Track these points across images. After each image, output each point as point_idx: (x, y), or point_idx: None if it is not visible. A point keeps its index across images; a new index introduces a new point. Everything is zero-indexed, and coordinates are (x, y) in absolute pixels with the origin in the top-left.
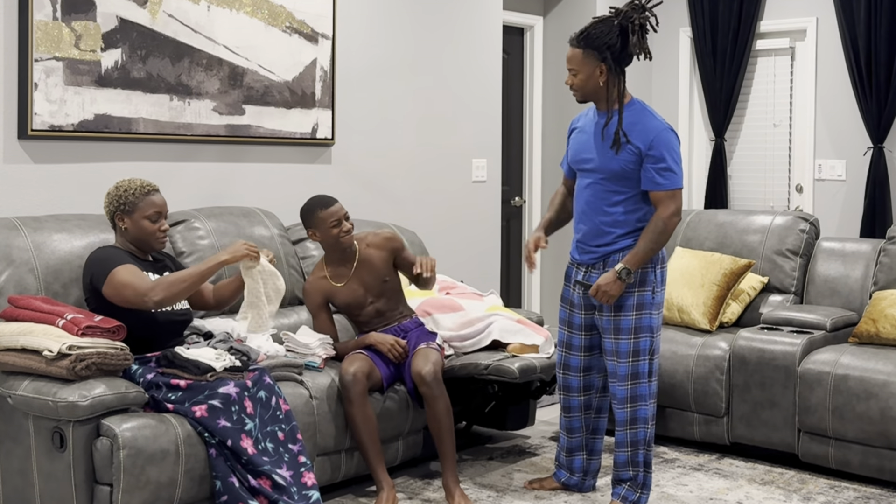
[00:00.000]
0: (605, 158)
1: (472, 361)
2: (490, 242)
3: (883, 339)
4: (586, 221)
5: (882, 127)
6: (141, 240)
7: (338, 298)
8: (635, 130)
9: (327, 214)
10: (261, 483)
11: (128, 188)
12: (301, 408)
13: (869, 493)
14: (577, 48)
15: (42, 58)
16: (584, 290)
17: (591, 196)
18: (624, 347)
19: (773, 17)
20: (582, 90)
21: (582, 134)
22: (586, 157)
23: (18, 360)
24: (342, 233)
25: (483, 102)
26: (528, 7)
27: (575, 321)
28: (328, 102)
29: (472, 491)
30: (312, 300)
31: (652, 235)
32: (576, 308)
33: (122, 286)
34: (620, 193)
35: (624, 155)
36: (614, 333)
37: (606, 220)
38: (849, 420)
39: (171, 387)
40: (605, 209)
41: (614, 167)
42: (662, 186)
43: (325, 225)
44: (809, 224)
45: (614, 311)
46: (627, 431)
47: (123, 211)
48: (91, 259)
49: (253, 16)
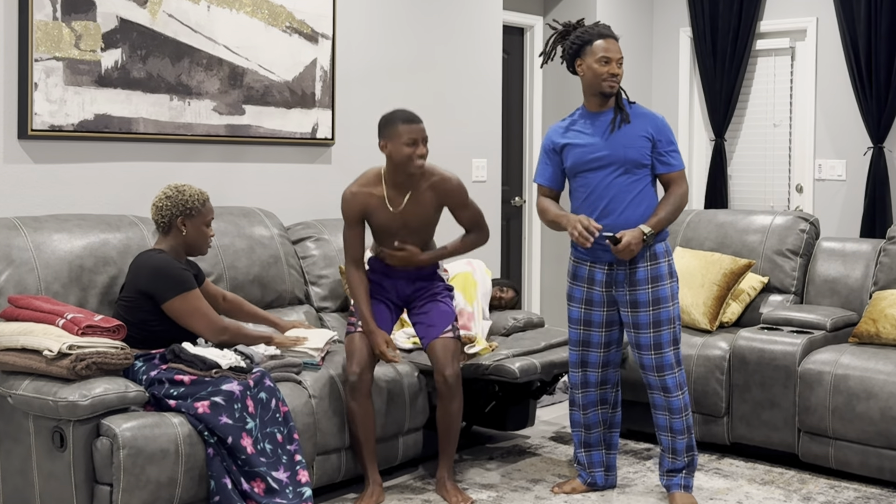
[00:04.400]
0: (622, 150)
1: (472, 362)
2: (490, 242)
3: (883, 339)
4: (611, 216)
5: (882, 127)
6: (195, 244)
7: (376, 218)
8: (640, 118)
9: (407, 129)
10: (253, 486)
11: (191, 193)
12: (300, 408)
13: (869, 493)
14: (617, 39)
15: (42, 58)
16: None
17: (614, 190)
18: (666, 338)
19: (773, 17)
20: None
21: (580, 140)
22: (597, 157)
23: (18, 360)
24: (415, 155)
25: (483, 102)
26: (528, 7)
27: (595, 318)
28: (328, 102)
29: (472, 491)
30: (353, 210)
31: (672, 207)
32: (595, 306)
33: (199, 314)
34: (638, 182)
35: (639, 143)
36: (654, 326)
37: (633, 209)
38: (849, 420)
39: (175, 382)
40: (628, 200)
41: (633, 156)
42: (675, 167)
43: (400, 140)
44: (809, 224)
45: (654, 306)
46: (684, 418)
47: (187, 215)
48: (156, 269)
49: (253, 16)
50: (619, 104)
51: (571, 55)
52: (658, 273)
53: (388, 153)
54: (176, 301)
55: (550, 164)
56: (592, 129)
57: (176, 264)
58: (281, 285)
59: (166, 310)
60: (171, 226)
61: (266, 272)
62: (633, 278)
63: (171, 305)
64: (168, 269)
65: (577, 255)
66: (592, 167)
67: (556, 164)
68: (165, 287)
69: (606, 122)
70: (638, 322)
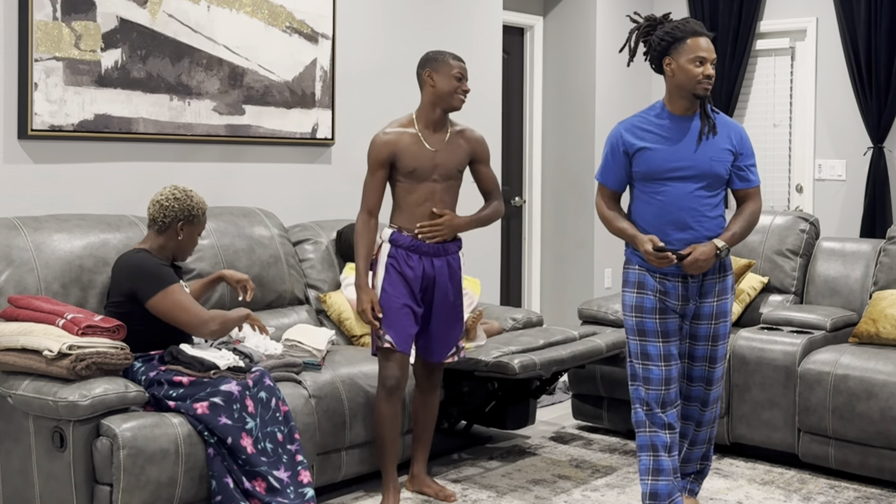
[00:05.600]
0: (708, 163)
1: (471, 357)
2: (490, 243)
3: (883, 339)
4: (687, 231)
5: (882, 127)
6: (184, 250)
7: (407, 158)
8: (723, 128)
9: (457, 64)
10: (255, 485)
11: (197, 201)
12: (300, 408)
13: (869, 493)
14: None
15: (42, 58)
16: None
17: (693, 203)
18: (721, 352)
19: (773, 17)
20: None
21: (660, 146)
22: (679, 166)
23: (18, 360)
24: (461, 90)
25: (483, 102)
26: (528, 7)
27: (671, 327)
28: (328, 102)
29: (472, 491)
30: (381, 152)
31: (746, 223)
32: (669, 315)
33: (181, 309)
34: (717, 196)
35: (724, 156)
36: (713, 340)
37: (710, 226)
38: (849, 420)
39: (173, 384)
40: (708, 215)
41: (719, 171)
42: (753, 183)
43: (449, 72)
44: (809, 224)
45: (716, 319)
46: (710, 429)
47: (188, 221)
48: (136, 268)
49: (253, 16)
50: (706, 111)
51: (660, 52)
52: (724, 286)
53: (431, 83)
54: (158, 297)
55: (618, 165)
56: (675, 135)
57: (154, 261)
58: (281, 285)
59: (150, 308)
60: (170, 227)
61: (266, 272)
62: (703, 290)
63: (153, 303)
64: (146, 266)
65: (643, 264)
66: (672, 177)
67: (623, 165)
68: (146, 284)
69: (691, 129)
70: (697, 333)
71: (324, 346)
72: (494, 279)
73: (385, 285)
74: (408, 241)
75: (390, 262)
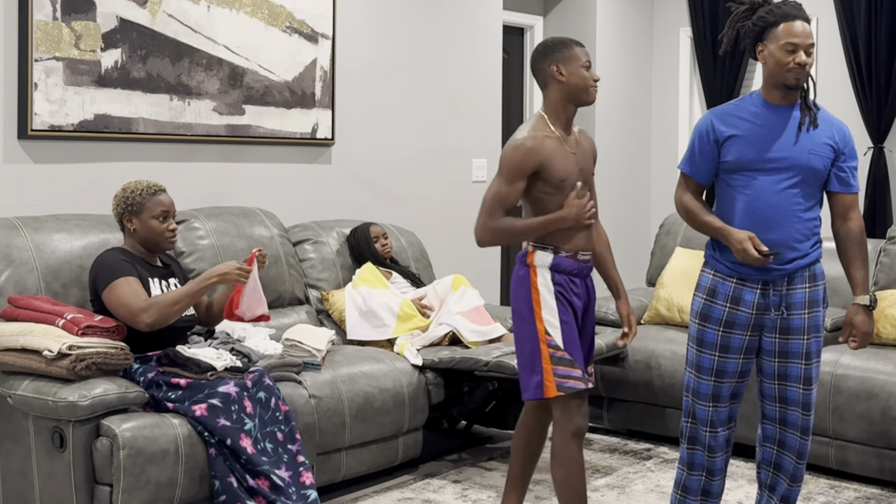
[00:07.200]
0: (805, 155)
1: (472, 357)
2: None
3: (883, 339)
4: (775, 230)
5: (882, 127)
6: (150, 240)
7: (555, 166)
8: (824, 123)
9: (583, 52)
10: (259, 483)
11: (134, 189)
12: (300, 408)
13: (869, 493)
14: (808, 21)
15: (42, 58)
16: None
17: (784, 201)
18: (815, 371)
19: None
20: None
21: (753, 133)
22: (774, 157)
23: (18, 360)
24: (593, 80)
25: (483, 102)
26: (528, 7)
27: (734, 343)
28: (328, 102)
29: (472, 491)
30: (532, 159)
31: (864, 254)
32: (737, 329)
33: (119, 304)
34: (813, 197)
35: (824, 151)
36: (805, 358)
37: (802, 228)
38: (849, 420)
39: (172, 385)
40: (800, 216)
41: (817, 165)
42: (854, 188)
43: (578, 62)
44: None
45: (807, 334)
46: (805, 463)
47: (131, 212)
48: (97, 262)
49: (253, 16)
50: (807, 103)
51: (753, 38)
52: (815, 297)
53: (561, 78)
54: (106, 291)
55: (706, 155)
56: (770, 123)
57: (116, 256)
58: (281, 285)
59: (105, 304)
60: (123, 226)
61: (266, 272)
62: (788, 300)
63: (104, 297)
64: (102, 261)
65: (720, 269)
66: (763, 168)
67: (711, 155)
68: (99, 279)
69: (788, 119)
70: (788, 350)
71: (324, 346)
72: (495, 279)
73: (563, 317)
74: (572, 266)
75: (558, 290)
